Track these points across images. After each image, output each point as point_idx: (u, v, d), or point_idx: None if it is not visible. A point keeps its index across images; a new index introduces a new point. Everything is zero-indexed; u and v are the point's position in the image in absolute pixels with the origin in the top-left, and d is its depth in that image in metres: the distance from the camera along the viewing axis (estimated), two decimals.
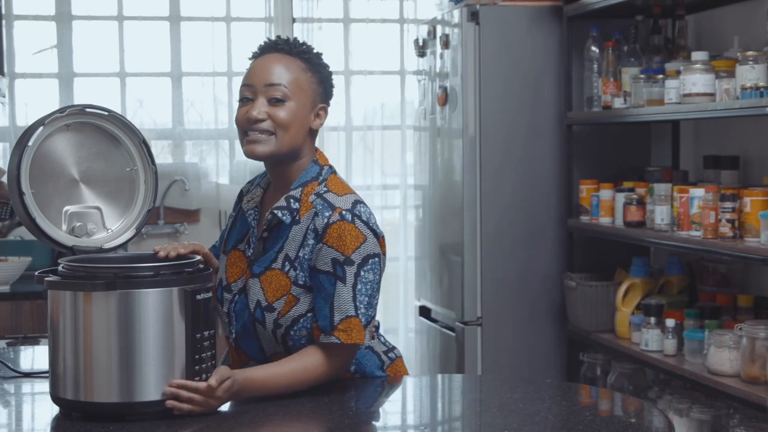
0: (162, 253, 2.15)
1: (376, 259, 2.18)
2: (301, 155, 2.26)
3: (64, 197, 2.21)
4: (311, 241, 2.17)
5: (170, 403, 2.00)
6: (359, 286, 2.15)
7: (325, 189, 2.23)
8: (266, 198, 2.32)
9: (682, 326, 3.54)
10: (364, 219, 2.19)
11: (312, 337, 2.19)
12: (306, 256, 2.18)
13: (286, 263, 2.19)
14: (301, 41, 2.29)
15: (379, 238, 2.21)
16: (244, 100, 2.24)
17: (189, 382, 2.01)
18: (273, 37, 2.34)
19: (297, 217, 2.20)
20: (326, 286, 2.15)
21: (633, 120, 3.86)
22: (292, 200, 2.22)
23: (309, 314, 2.19)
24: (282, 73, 2.22)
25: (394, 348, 2.40)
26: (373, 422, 2.09)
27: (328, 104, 2.30)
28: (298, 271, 2.18)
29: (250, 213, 2.30)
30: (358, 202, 2.22)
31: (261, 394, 2.13)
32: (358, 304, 2.15)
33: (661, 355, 3.57)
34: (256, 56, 2.28)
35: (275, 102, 2.21)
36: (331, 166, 2.31)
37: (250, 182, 2.41)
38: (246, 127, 2.22)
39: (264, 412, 2.08)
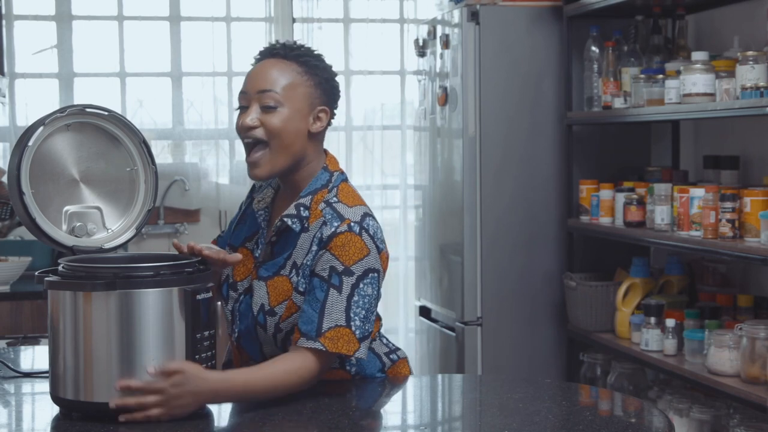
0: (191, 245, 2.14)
1: (376, 274, 2.16)
2: (307, 161, 2.24)
3: (64, 197, 2.21)
4: (315, 248, 2.15)
5: (123, 416, 1.94)
6: (356, 298, 2.12)
7: (335, 199, 2.20)
8: (277, 200, 2.31)
9: (682, 326, 3.54)
10: (371, 233, 2.17)
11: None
12: (308, 263, 2.16)
13: (293, 270, 2.18)
14: (300, 44, 2.26)
15: (381, 253, 2.19)
16: (242, 109, 2.22)
17: (132, 382, 1.94)
18: (273, 41, 2.32)
19: (306, 225, 2.19)
20: (317, 291, 2.12)
21: (633, 120, 3.86)
22: (302, 208, 2.20)
23: None
24: (275, 78, 2.18)
25: (397, 349, 2.38)
26: (373, 422, 2.09)
27: (330, 107, 2.26)
28: (299, 278, 2.17)
29: (260, 214, 2.29)
30: (368, 215, 2.20)
31: (234, 398, 2.08)
32: (352, 315, 2.11)
33: (661, 355, 3.57)
34: (256, 60, 2.25)
35: (268, 109, 2.17)
36: (342, 173, 2.28)
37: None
38: (241, 134, 2.20)
39: (264, 412, 2.08)
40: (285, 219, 2.20)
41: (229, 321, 2.28)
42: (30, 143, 2.12)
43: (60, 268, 2.05)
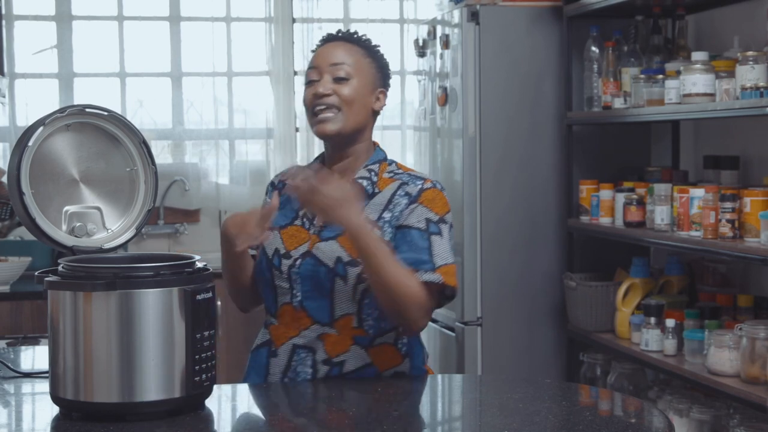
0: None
1: (453, 230, 2.35)
2: (364, 137, 2.38)
3: (64, 197, 2.22)
4: (404, 201, 2.29)
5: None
6: (451, 243, 2.30)
7: (400, 169, 2.38)
8: None
9: (682, 326, 3.54)
10: (445, 194, 2.35)
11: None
12: (395, 215, 2.28)
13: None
14: (360, 34, 2.44)
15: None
16: (311, 83, 2.35)
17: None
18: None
19: (376, 190, 2.33)
20: (418, 240, 2.25)
21: (633, 120, 3.86)
22: (372, 173, 2.36)
23: None
24: (345, 54, 2.36)
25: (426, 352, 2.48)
26: (373, 422, 2.09)
27: (386, 91, 2.43)
28: (385, 229, 2.28)
29: None
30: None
31: (361, 244, 2.18)
32: (452, 256, 2.28)
33: (661, 355, 3.57)
34: (320, 45, 2.41)
35: (340, 80, 2.33)
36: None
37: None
38: (314, 103, 2.33)
39: (264, 412, 2.08)
40: (359, 180, 2.33)
41: (285, 289, 2.30)
42: (30, 143, 2.13)
43: (60, 268, 2.05)
